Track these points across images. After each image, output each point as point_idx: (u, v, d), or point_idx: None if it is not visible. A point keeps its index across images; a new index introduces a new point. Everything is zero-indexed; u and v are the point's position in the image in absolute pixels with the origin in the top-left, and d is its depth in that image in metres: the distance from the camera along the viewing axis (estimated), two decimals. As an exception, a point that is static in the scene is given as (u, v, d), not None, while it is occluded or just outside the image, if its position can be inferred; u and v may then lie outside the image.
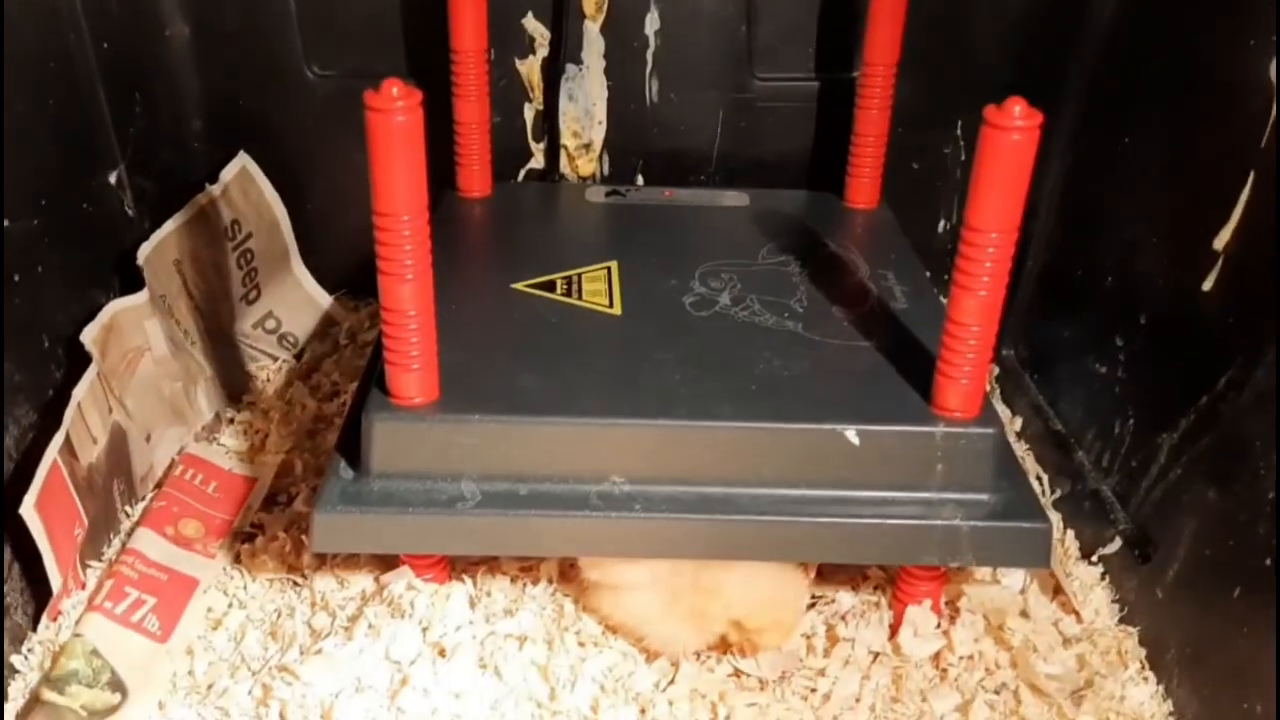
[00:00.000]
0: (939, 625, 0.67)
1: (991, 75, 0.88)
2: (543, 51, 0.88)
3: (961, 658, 0.66)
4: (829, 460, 0.61)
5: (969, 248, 0.57)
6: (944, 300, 0.69)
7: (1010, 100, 0.54)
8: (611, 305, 0.71)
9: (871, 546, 0.61)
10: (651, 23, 0.87)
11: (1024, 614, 0.68)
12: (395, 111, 0.53)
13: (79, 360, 0.70)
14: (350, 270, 0.95)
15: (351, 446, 0.62)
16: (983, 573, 0.71)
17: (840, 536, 0.61)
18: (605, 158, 0.92)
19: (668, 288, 0.73)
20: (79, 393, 0.67)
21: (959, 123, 0.91)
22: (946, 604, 0.69)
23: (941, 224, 0.95)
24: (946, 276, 0.61)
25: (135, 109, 0.81)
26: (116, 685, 0.62)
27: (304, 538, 0.70)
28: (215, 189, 0.83)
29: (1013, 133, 0.54)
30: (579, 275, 0.74)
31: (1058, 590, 0.71)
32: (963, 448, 0.61)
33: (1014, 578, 0.71)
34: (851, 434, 0.61)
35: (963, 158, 0.92)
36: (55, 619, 0.66)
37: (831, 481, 0.61)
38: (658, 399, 0.62)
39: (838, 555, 0.62)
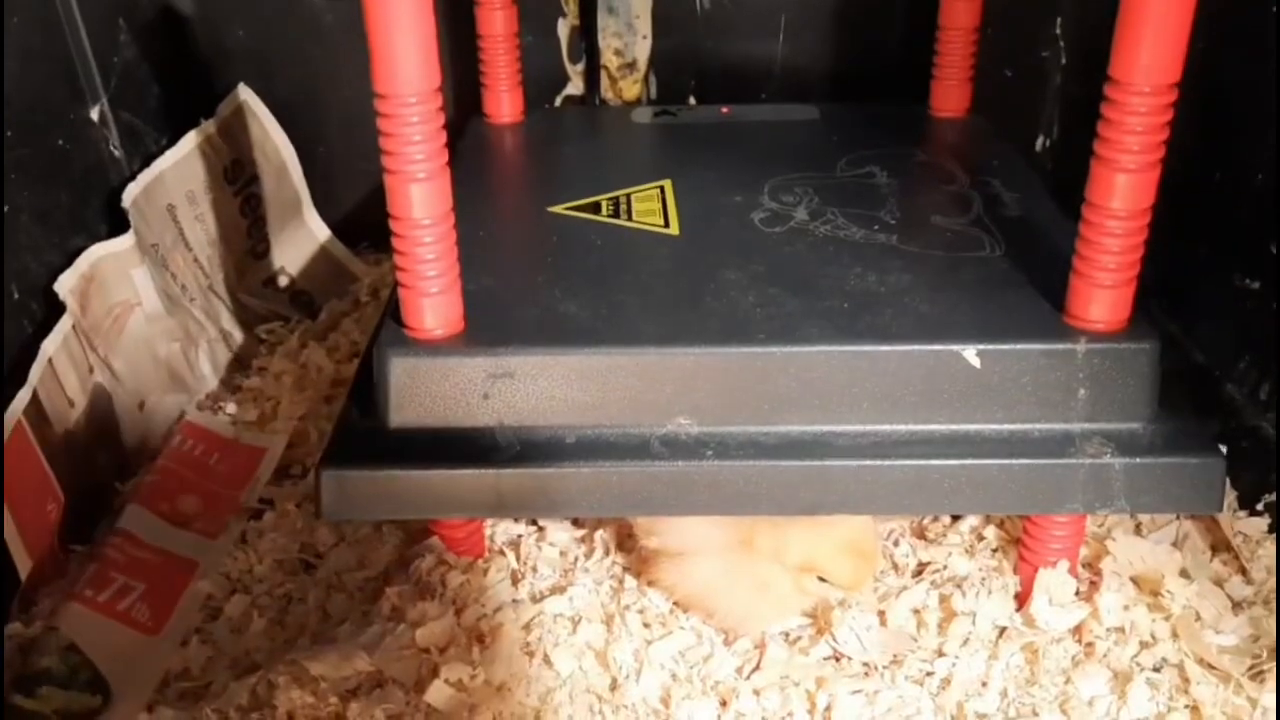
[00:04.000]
0: (1078, 591, 0.55)
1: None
2: (577, -43, 0.77)
3: (1110, 629, 0.54)
4: (943, 388, 0.50)
5: (1114, 109, 0.46)
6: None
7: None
8: (667, 225, 0.60)
9: (999, 493, 0.50)
10: (700, -82, 0.76)
11: (1184, 574, 0.56)
12: (395, -37, 0.43)
13: (57, 315, 0.60)
14: (370, 220, 0.84)
15: (365, 392, 0.52)
16: (1123, 525, 0.59)
17: (961, 482, 0.49)
18: (652, 78, 0.81)
19: (732, 204, 0.62)
20: (49, 346, 0.58)
21: (1058, 20, 0.79)
22: (1084, 566, 0.57)
23: (1040, 140, 0.83)
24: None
25: (119, 37, 0.72)
26: (97, 685, 0.53)
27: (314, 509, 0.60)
28: (211, 125, 0.73)
29: (1173, -44, 0.42)
30: (627, 195, 0.63)
31: (1216, 546, 0.59)
32: (1111, 367, 0.49)
33: (1164, 532, 0.59)
34: (971, 354, 0.49)
35: (1063, 61, 0.80)
36: (26, 609, 0.56)
37: (947, 415, 0.50)
38: (729, 323, 0.51)
39: (957, 505, 0.51)
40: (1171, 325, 0.73)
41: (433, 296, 0.49)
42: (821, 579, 0.52)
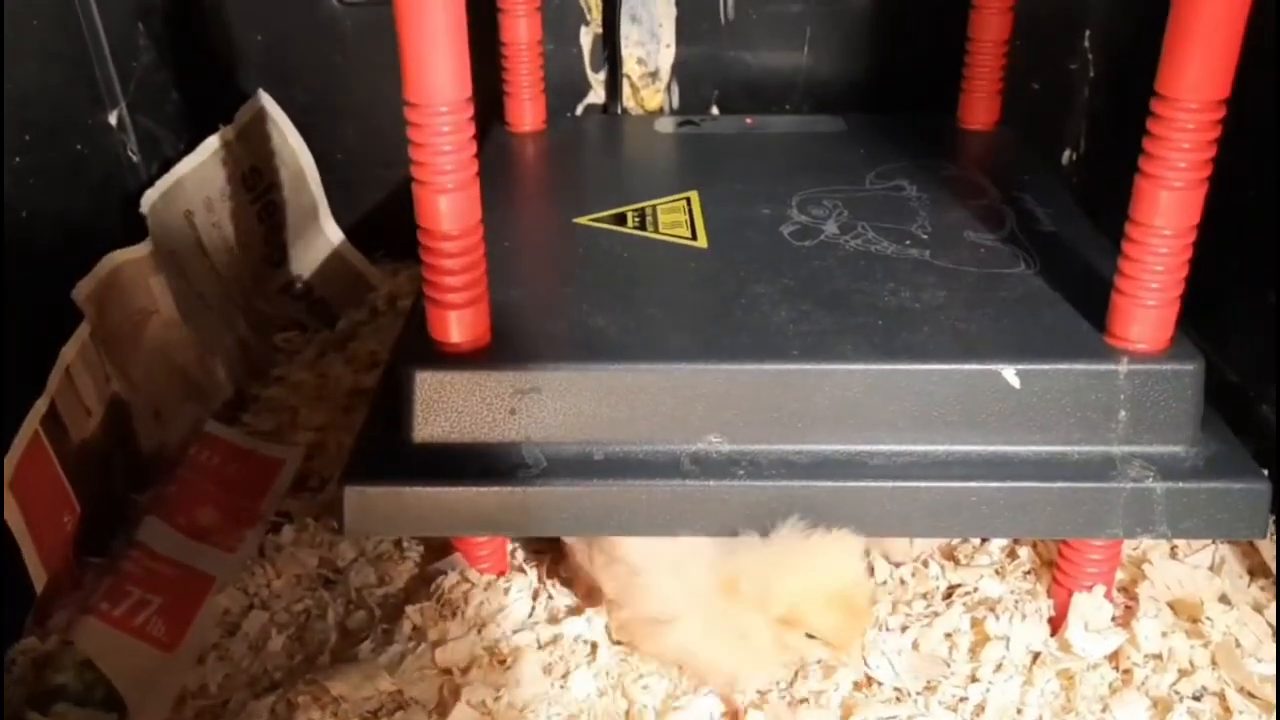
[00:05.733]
0: (1114, 617, 0.54)
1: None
2: (601, -36, 0.77)
3: (1148, 656, 0.52)
4: (981, 408, 0.49)
5: (1161, 125, 0.45)
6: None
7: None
8: (695, 237, 0.59)
9: (1038, 517, 0.48)
10: (726, -74, 0.75)
11: (1223, 599, 0.55)
12: (428, -31, 0.42)
13: (74, 323, 0.59)
14: (389, 228, 0.83)
15: (389, 405, 0.51)
16: (1159, 548, 0.58)
17: (998, 505, 0.48)
18: (674, 88, 0.80)
19: (760, 217, 0.61)
20: (67, 354, 0.56)
21: (1086, 32, 0.78)
22: (1120, 590, 0.56)
23: (1066, 154, 0.82)
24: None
25: (139, 42, 0.71)
26: (113, 703, 0.52)
27: (336, 524, 0.59)
28: (229, 131, 0.73)
29: (1226, -33, 0.41)
30: (653, 207, 0.62)
31: (1254, 571, 0.58)
32: (1153, 388, 0.48)
33: (1201, 555, 0.58)
34: (1010, 374, 0.48)
35: (1091, 74, 0.79)
36: (42, 623, 0.55)
37: (985, 435, 0.49)
38: (760, 338, 0.50)
39: (995, 528, 0.50)
40: (1203, 341, 0.72)
41: (460, 309, 0.48)
42: (807, 634, 0.48)
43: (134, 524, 0.61)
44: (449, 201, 0.46)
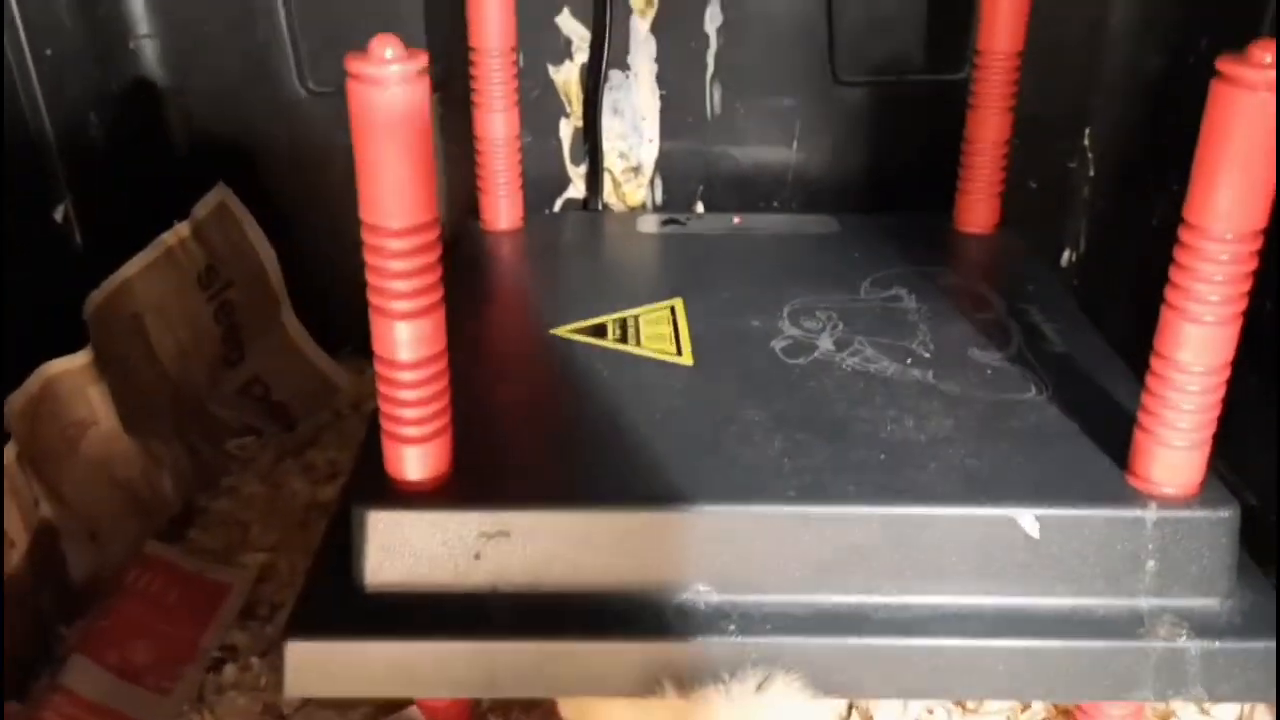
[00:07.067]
0: (1139, 776, 0.49)
1: (1132, 62, 0.72)
2: (581, 56, 0.73)
3: (1178, 824, 0.48)
4: (996, 557, 0.44)
5: (1189, 255, 0.41)
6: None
7: (1256, 46, 0.38)
8: (680, 353, 0.55)
9: (1061, 679, 0.44)
10: (713, 18, 0.72)
11: (1257, 763, 0.50)
12: (389, 81, 0.38)
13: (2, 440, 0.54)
14: (353, 326, 0.79)
15: (339, 546, 0.46)
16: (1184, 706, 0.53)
17: (1017, 665, 0.43)
18: (658, 183, 0.76)
19: (750, 330, 0.57)
20: (-12, 481, 0.51)
21: (1086, 130, 0.75)
22: (1143, 747, 0.51)
23: (1066, 254, 0.79)
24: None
25: (89, 131, 0.67)
26: None
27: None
28: (185, 227, 0.68)
29: (1260, 89, 0.38)
30: (635, 317, 0.58)
31: (1285, 723, 0.53)
32: (1184, 537, 0.44)
33: (1229, 706, 0.53)
34: (1028, 520, 0.44)
35: (1091, 173, 0.76)
36: (-55, 788, 0.49)
37: (1000, 587, 0.44)
38: (753, 475, 0.46)
39: (1013, 690, 0.45)
40: (1219, 461, 0.68)
41: (418, 444, 0.44)
42: None
43: (60, 662, 0.55)
44: (408, 330, 0.41)
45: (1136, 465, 0.45)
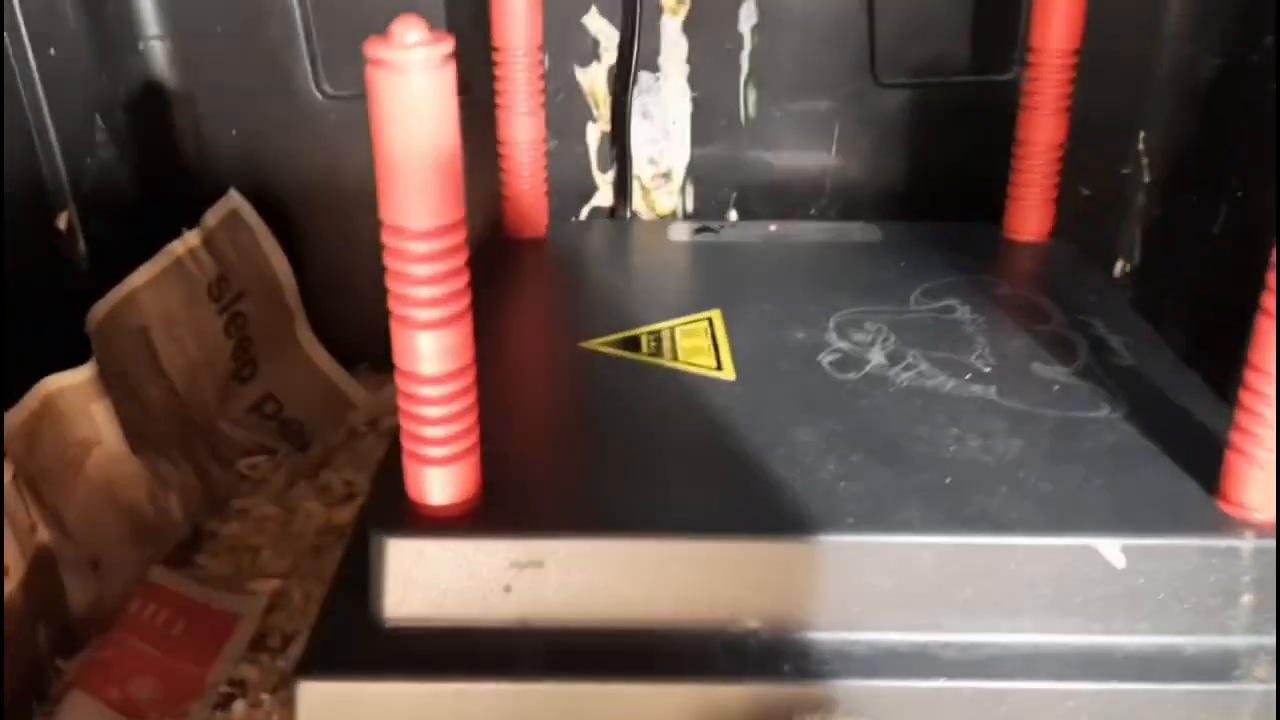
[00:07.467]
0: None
1: (1188, 62, 0.68)
2: (609, 57, 0.70)
3: None
4: (1075, 591, 0.40)
5: (1296, 259, 0.37)
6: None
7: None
8: (720, 367, 0.51)
9: (1147, 725, 0.40)
10: (747, 17, 0.69)
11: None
12: (412, 66, 0.34)
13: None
14: (370, 339, 0.75)
15: (356, 577, 0.42)
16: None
17: (1099, 711, 0.39)
18: (688, 190, 0.73)
19: (794, 343, 0.53)
20: (-19, 505, 0.48)
21: (1141, 134, 0.71)
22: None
23: (1119, 265, 0.75)
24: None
25: (95, 136, 0.64)
26: None
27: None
28: (195, 236, 0.65)
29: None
30: (671, 329, 0.55)
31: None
32: (1285, 569, 0.40)
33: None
34: (1112, 550, 0.40)
35: (1146, 179, 0.72)
36: (-70, 837, 0.45)
37: (1080, 624, 0.40)
38: (806, 501, 0.42)
39: (1095, 739, 0.41)
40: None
41: (443, 465, 0.40)
42: None
43: (57, 699, 0.52)
44: (433, 341, 0.38)
45: (1229, 489, 0.41)
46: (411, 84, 0.34)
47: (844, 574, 0.40)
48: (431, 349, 0.38)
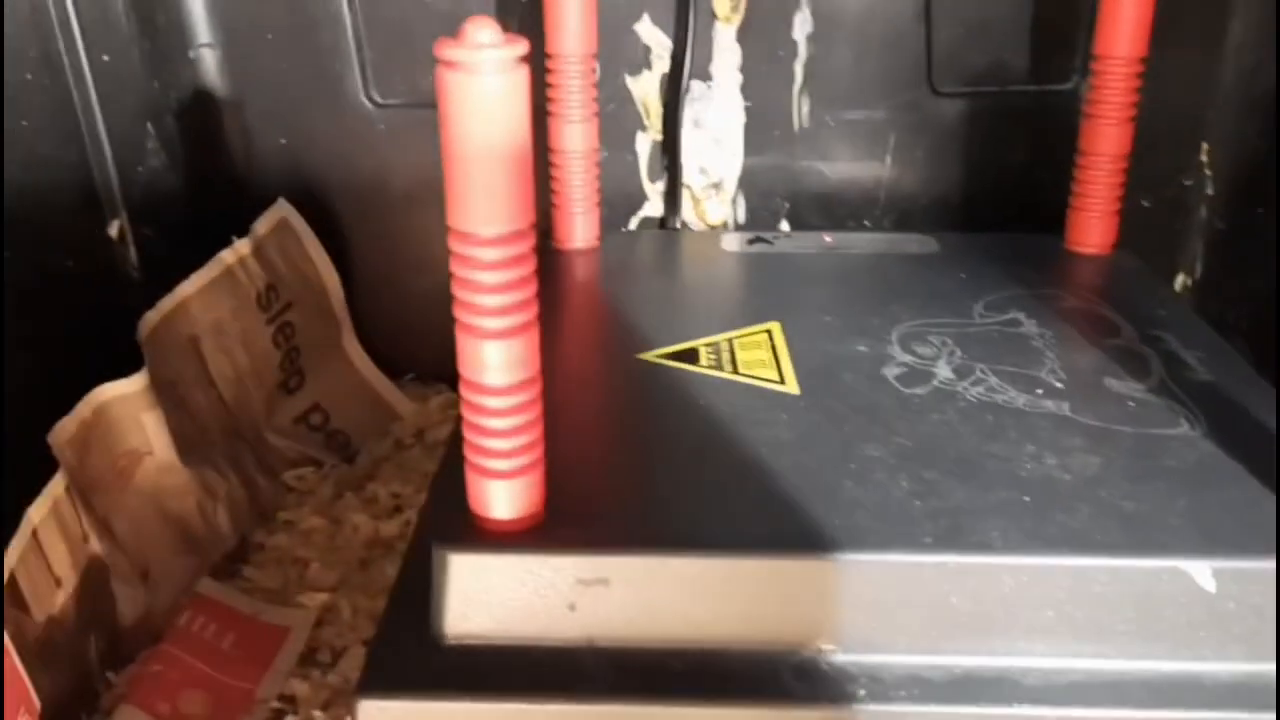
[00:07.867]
0: None
1: (1254, 71, 0.66)
2: (661, 66, 0.69)
3: None
4: (1163, 616, 0.39)
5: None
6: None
7: None
8: (783, 380, 0.50)
9: (1239, 757, 0.38)
10: (802, 24, 0.68)
11: None
12: (484, 67, 0.33)
13: (51, 470, 0.50)
14: (419, 349, 0.75)
15: (415, 593, 0.41)
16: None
17: (1189, 740, 0.38)
18: (740, 200, 0.72)
19: (857, 356, 0.52)
20: (33, 515, 0.47)
21: (1204, 145, 0.70)
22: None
23: (1180, 279, 0.73)
24: None
25: (146, 144, 0.63)
26: None
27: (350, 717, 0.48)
28: (245, 245, 0.65)
29: None
30: (730, 341, 0.54)
31: None
32: (1387, 595, 0.38)
33: None
34: (1204, 573, 0.38)
35: (1209, 191, 0.71)
36: None
37: (1168, 649, 0.39)
38: (880, 519, 0.41)
39: (1184, 770, 0.39)
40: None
41: (508, 479, 0.39)
42: None
43: (107, 713, 0.51)
44: (499, 351, 0.37)
45: (1324, 512, 0.39)
46: (484, 86, 0.34)
47: (921, 595, 0.39)
48: (498, 359, 0.37)
